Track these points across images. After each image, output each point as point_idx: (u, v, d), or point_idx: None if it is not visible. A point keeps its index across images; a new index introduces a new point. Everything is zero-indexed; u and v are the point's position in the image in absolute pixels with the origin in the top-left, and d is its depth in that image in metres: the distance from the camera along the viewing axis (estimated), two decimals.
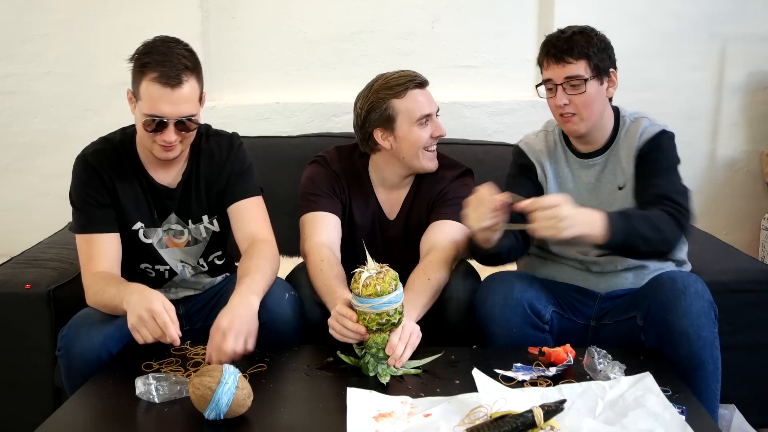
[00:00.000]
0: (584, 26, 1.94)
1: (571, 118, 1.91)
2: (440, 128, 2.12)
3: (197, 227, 2.00)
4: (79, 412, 1.54)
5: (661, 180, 1.88)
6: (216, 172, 1.98)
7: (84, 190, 1.89)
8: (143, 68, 1.76)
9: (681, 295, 1.71)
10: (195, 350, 1.77)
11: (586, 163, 2.00)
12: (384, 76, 2.13)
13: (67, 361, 1.74)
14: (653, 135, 1.93)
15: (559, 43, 1.89)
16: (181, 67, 1.77)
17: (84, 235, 1.89)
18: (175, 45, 1.81)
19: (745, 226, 3.15)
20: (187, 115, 1.80)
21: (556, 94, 1.90)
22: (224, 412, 1.42)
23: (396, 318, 1.64)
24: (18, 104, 3.03)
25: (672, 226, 1.79)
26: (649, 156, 1.91)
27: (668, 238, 1.80)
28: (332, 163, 2.19)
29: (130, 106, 1.86)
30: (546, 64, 1.92)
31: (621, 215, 1.76)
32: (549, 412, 1.35)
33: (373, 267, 1.66)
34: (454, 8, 3.00)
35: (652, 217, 1.78)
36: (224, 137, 2.02)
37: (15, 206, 3.11)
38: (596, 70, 1.89)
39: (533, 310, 1.84)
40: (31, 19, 2.96)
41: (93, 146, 1.94)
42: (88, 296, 1.84)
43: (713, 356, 1.71)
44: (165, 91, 1.75)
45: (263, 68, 3.04)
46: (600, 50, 1.90)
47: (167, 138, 1.80)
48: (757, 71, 3.03)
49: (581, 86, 1.88)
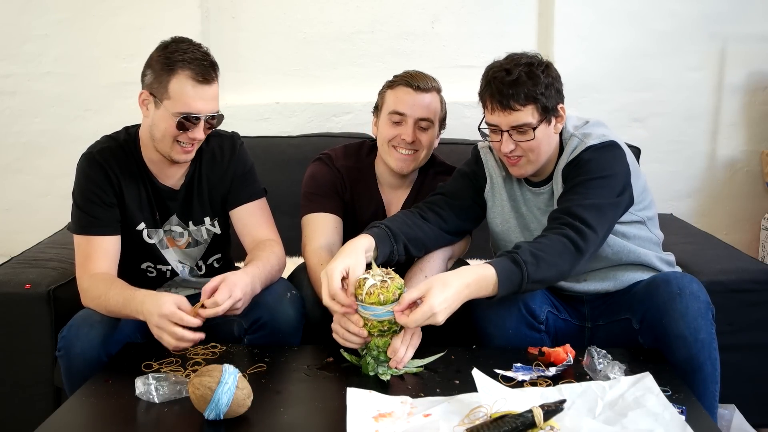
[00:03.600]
0: (530, 59, 1.80)
1: (518, 161, 1.84)
2: (408, 134, 2.06)
3: (198, 229, 2.00)
4: (79, 412, 1.54)
5: (574, 195, 1.79)
6: (219, 174, 1.98)
7: (89, 189, 1.88)
8: (173, 66, 1.77)
9: (676, 297, 1.70)
10: (195, 350, 1.77)
11: (535, 191, 1.95)
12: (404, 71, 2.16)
13: (67, 362, 1.74)
14: (576, 154, 1.83)
15: (504, 88, 1.75)
16: (209, 64, 1.81)
17: (82, 237, 1.87)
18: (193, 44, 1.83)
19: (745, 226, 3.15)
20: (215, 112, 1.84)
21: (501, 140, 1.80)
22: (224, 412, 1.42)
23: (398, 326, 1.64)
24: (18, 104, 3.03)
25: (567, 254, 1.70)
26: (570, 174, 1.84)
27: (563, 269, 1.71)
28: (336, 160, 2.19)
29: (142, 109, 1.85)
30: (490, 108, 1.80)
31: (514, 264, 1.65)
32: (549, 412, 1.35)
33: (378, 274, 1.64)
34: (454, 8, 3.00)
35: (546, 251, 1.68)
36: (225, 138, 2.02)
37: (15, 206, 3.11)
38: (544, 113, 1.78)
39: (528, 310, 1.83)
40: (31, 19, 2.97)
41: (99, 144, 1.93)
42: (86, 299, 1.83)
43: (711, 358, 1.70)
44: (200, 89, 1.78)
45: (263, 68, 3.04)
46: (547, 88, 1.77)
47: (197, 135, 1.82)
48: (757, 71, 3.03)
49: (528, 132, 1.78)
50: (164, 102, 1.79)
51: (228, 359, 1.72)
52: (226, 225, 2.04)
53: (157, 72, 1.80)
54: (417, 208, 1.96)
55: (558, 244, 1.70)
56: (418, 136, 2.08)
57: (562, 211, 1.77)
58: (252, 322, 1.84)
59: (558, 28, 2.93)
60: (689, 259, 2.23)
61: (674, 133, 3.09)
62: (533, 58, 1.81)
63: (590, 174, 1.80)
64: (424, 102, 2.09)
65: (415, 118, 2.07)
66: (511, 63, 1.79)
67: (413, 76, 2.11)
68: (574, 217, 1.73)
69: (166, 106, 1.79)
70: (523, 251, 1.67)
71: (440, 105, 2.14)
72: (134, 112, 1.95)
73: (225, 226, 2.04)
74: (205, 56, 1.81)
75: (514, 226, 1.98)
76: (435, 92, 2.12)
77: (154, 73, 1.80)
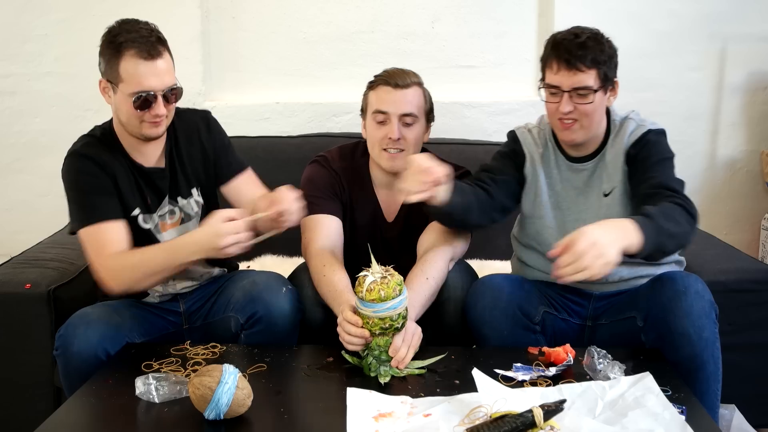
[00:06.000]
0: (594, 30, 1.87)
1: (572, 125, 1.86)
2: (393, 132, 2.07)
3: (188, 202, 2.00)
4: (79, 412, 1.54)
5: (656, 173, 1.83)
6: (198, 147, 2.01)
7: (86, 181, 1.87)
8: (119, 48, 1.79)
9: (682, 295, 1.71)
10: (195, 350, 1.77)
11: (576, 167, 1.97)
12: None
13: (65, 360, 1.74)
14: (639, 135, 1.89)
15: (573, 48, 1.80)
16: (154, 39, 1.81)
17: (90, 227, 1.84)
18: (138, 23, 1.85)
19: (745, 226, 3.15)
20: (171, 85, 1.84)
21: (561, 101, 1.84)
22: (224, 412, 1.42)
23: (399, 322, 1.64)
24: (18, 104, 3.02)
25: (686, 216, 1.71)
26: (640, 155, 1.88)
27: (687, 230, 1.71)
28: (333, 162, 2.19)
29: (104, 97, 1.89)
30: (555, 68, 1.83)
31: (645, 218, 1.64)
32: (549, 412, 1.35)
33: (378, 271, 1.64)
34: (454, 8, 2.99)
35: (669, 211, 1.69)
36: (197, 112, 2.07)
37: (15, 206, 3.11)
38: (604, 80, 1.83)
39: (523, 311, 1.84)
40: (31, 19, 2.96)
41: (79, 143, 1.94)
42: (116, 279, 1.81)
43: (714, 357, 1.71)
44: (148, 65, 1.79)
45: (263, 68, 3.04)
46: (610, 58, 1.85)
47: (158, 111, 1.82)
48: (757, 71, 3.02)
49: (589, 96, 1.82)
50: (120, 86, 1.81)
51: (228, 359, 1.72)
52: (213, 198, 2.06)
53: (107, 58, 1.83)
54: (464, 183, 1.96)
55: (675, 207, 1.71)
56: (403, 133, 2.08)
57: (659, 186, 1.79)
58: (248, 317, 1.85)
59: (558, 29, 2.87)
60: (689, 259, 2.22)
61: (674, 133, 3.04)
62: (597, 31, 1.87)
63: (662, 154, 1.87)
64: (405, 98, 2.08)
65: (398, 115, 2.07)
66: (579, 30, 1.86)
67: (391, 74, 2.11)
68: (673, 191, 1.77)
69: (122, 90, 1.81)
70: (646, 209, 1.67)
71: (423, 98, 2.14)
72: None
73: (212, 199, 2.06)
74: (150, 33, 1.82)
75: (546, 204, 1.98)
76: (416, 86, 2.12)
77: (104, 60, 1.84)
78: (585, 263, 1.49)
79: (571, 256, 1.51)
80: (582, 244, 1.50)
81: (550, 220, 1.97)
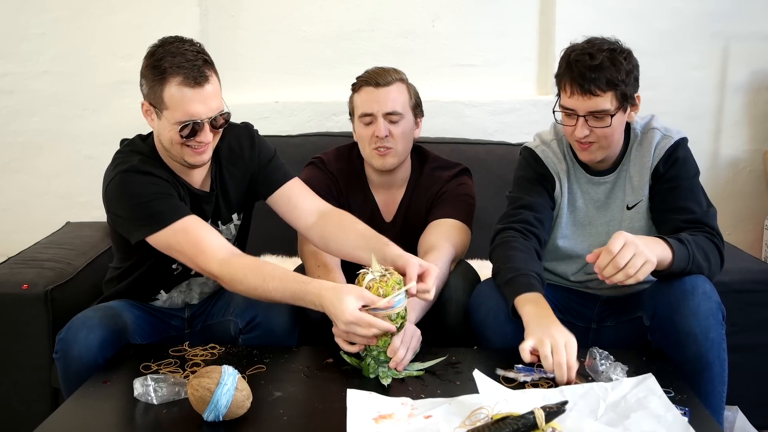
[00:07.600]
0: (611, 44, 1.78)
1: (589, 146, 1.81)
2: (380, 130, 2.06)
3: (227, 227, 1.96)
4: (77, 413, 1.53)
5: (689, 203, 1.82)
6: (242, 168, 1.93)
7: (153, 190, 1.75)
8: (163, 75, 1.68)
9: (689, 295, 1.70)
10: (194, 351, 1.76)
11: (596, 180, 1.92)
12: None
13: (64, 364, 1.72)
14: (668, 149, 1.84)
15: (586, 71, 1.72)
16: (201, 63, 1.71)
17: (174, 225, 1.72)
18: (184, 44, 1.74)
19: (748, 226, 3.14)
20: (218, 111, 1.75)
21: (576, 125, 1.78)
22: (223, 414, 1.41)
23: (398, 322, 1.62)
24: (16, 103, 3.02)
25: (717, 254, 1.75)
26: (668, 174, 1.84)
27: (714, 271, 1.75)
28: (329, 164, 2.19)
29: (147, 120, 1.79)
30: (569, 90, 1.76)
31: (679, 242, 1.67)
32: (550, 414, 1.34)
33: (377, 269, 1.63)
34: (454, 6, 2.99)
35: (705, 245, 1.73)
36: (241, 128, 1.96)
37: (12, 206, 3.10)
38: (623, 100, 1.76)
39: None
40: (28, 18, 2.95)
41: (128, 159, 1.80)
42: (235, 287, 1.71)
43: (720, 358, 1.70)
44: (194, 92, 1.69)
45: (262, 67, 3.03)
46: (628, 75, 1.75)
47: (204, 139, 1.74)
48: (760, 70, 3.02)
49: (606, 119, 1.76)
50: (164, 112, 1.72)
51: (227, 360, 1.71)
52: (248, 217, 2.02)
53: (150, 82, 1.73)
54: (513, 230, 1.86)
55: (709, 243, 1.75)
56: (390, 130, 2.07)
57: (698, 222, 1.79)
58: (247, 321, 1.84)
59: (559, 27, 2.91)
60: None
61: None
62: (615, 44, 1.79)
63: (691, 173, 1.86)
64: (389, 96, 2.08)
65: (383, 113, 2.07)
66: (594, 47, 1.76)
67: (372, 74, 2.11)
68: (711, 228, 1.79)
69: (166, 116, 1.72)
70: (682, 236, 1.71)
71: (408, 94, 2.13)
72: (132, 111, 1.93)
73: (247, 218, 2.02)
74: (196, 55, 1.71)
75: (566, 220, 1.95)
76: (398, 83, 2.11)
77: (147, 84, 1.74)
78: (623, 260, 1.56)
79: (608, 255, 1.57)
80: (617, 244, 1.57)
81: (567, 230, 1.95)
